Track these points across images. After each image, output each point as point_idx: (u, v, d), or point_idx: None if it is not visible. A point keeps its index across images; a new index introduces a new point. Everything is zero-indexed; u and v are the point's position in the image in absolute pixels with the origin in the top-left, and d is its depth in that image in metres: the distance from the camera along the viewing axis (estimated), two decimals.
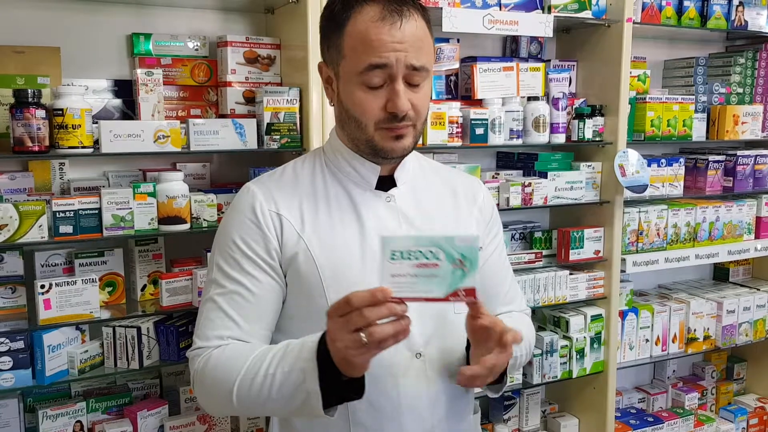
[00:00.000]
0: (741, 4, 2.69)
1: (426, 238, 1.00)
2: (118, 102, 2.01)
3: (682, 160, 2.69)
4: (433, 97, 2.28)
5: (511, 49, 2.58)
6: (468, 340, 1.20)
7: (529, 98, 2.39)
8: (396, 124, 1.18)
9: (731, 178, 2.79)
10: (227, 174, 2.21)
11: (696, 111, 2.67)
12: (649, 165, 2.52)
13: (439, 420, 1.26)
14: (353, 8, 1.16)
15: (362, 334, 0.98)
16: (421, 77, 1.18)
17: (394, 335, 0.99)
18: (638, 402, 3.00)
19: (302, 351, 1.08)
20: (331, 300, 1.18)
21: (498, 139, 2.28)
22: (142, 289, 2.03)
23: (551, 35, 2.31)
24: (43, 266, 1.92)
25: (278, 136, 1.99)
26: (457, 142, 2.23)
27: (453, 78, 2.32)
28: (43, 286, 1.79)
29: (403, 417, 1.21)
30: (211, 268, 1.26)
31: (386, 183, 1.28)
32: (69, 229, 1.79)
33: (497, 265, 1.41)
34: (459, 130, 2.22)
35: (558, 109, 2.39)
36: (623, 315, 2.64)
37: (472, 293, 1.00)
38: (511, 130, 2.32)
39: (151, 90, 1.93)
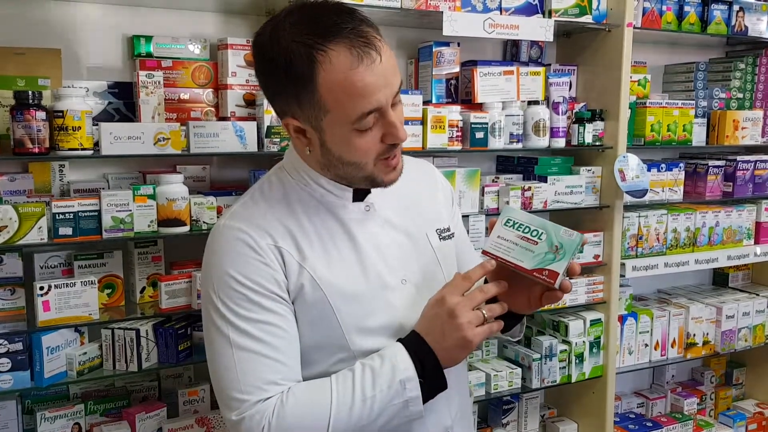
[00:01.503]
0: (741, 9, 2.69)
1: (539, 219, 1.17)
2: (118, 104, 2.01)
3: (681, 165, 2.69)
4: (433, 101, 2.28)
5: (511, 53, 2.58)
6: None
7: (530, 102, 2.39)
8: (393, 152, 1.17)
9: (731, 183, 2.79)
10: (227, 176, 2.21)
11: (696, 116, 2.68)
12: (648, 170, 2.52)
13: (455, 415, 1.30)
14: (316, 59, 1.05)
15: (483, 311, 1.15)
16: (399, 94, 1.15)
17: (502, 310, 1.17)
18: (637, 407, 3.00)
19: (396, 364, 1.14)
20: (344, 324, 1.18)
21: (498, 143, 2.28)
22: (141, 292, 2.02)
23: (552, 39, 2.31)
24: (42, 268, 1.92)
25: (278, 139, 1.99)
26: (457, 146, 2.23)
27: (453, 82, 2.33)
28: (42, 288, 1.79)
29: (425, 417, 1.22)
30: (215, 316, 1.16)
31: (358, 192, 1.25)
32: (68, 230, 1.79)
33: (464, 237, 1.48)
34: (459, 133, 2.23)
35: (558, 114, 2.40)
36: (622, 320, 2.64)
37: (553, 277, 1.14)
38: (511, 134, 2.32)
39: (152, 92, 1.93)
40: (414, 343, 1.16)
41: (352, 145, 1.13)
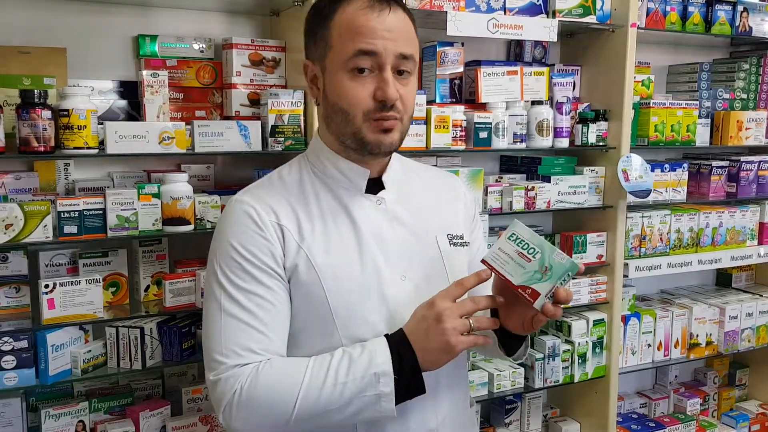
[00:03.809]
0: (745, 10, 2.69)
1: (539, 239, 1.18)
2: (123, 103, 2.02)
3: (685, 165, 2.69)
4: (437, 101, 2.29)
5: (515, 53, 2.59)
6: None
7: (533, 102, 2.39)
8: (384, 113, 1.17)
9: (734, 184, 2.79)
10: (231, 175, 2.21)
11: (700, 116, 2.68)
12: (652, 170, 2.52)
13: (442, 419, 1.28)
14: (340, 3, 1.18)
15: (470, 320, 1.15)
16: (408, 66, 1.18)
17: (491, 324, 1.20)
18: (640, 407, 3.00)
19: (374, 356, 1.14)
20: (335, 308, 1.19)
21: (501, 143, 2.28)
22: (146, 290, 2.03)
23: (555, 40, 2.31)
24: (47, 266, 1.93)
25: (282, 138, 1.99)
26: (461, 146, 2.23)
27: (457, 82, 2.33)
28: (47, 286, 1.79)
29: (408, 416, 1.23)
30: (213, 282, 1.21)
31: (373, 186, 1.28)
32: (73, 229, 1.80)
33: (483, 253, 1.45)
34: (463, 133, 2.23)
35: (562, 114, 2.40)
36: (626, 320, 2.64)
37: (534, 296, 1.15)
38: (515, 134, 2.32)
39: (157, 91, 1.94)
40: (397, 340, 1.17)
41: (343, 88, 1.17)
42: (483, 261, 1.21)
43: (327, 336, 1.21)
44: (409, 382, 1.15)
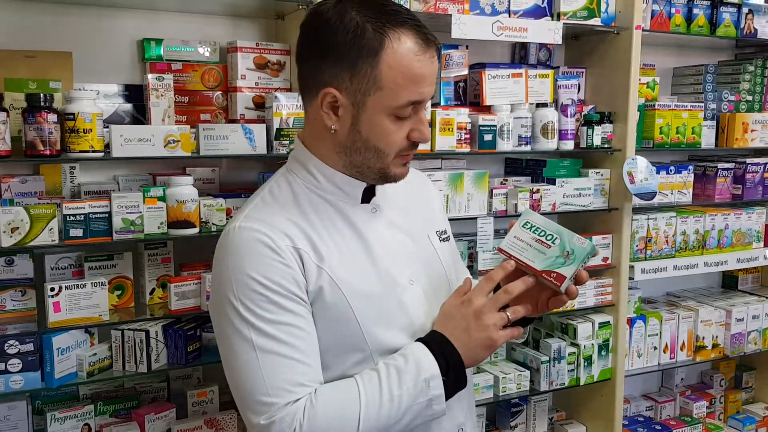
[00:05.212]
0: (750, 12, 2.69)
1: (555, 225, 1.21)
2: (128, 106, 2.03)
3: (691, 167, 2.68)
4: (442, 104, 2.29)
5: (519, 55, 2.59)
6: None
7: (538, 105, 2.39)
8: (412, 151, 1.20)
9: (740, 186, 2.78)
10: (236, 179, 2.22)
11: (705, 118, 2.67)
12: (657, 172, 2.51)
13: (466, 412, 1.32)
14: (386, 35, 1.09)
15: (508, 313, 1.17)
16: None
17: (526, 311, 1.20)
18: (646, 410, 2.99)
19: (420, 363, 1.15)
20: (363, 323, 1.18)
21: (506, 145, 2.28)
22: (151, 293, 2.03)
23: (560, 42, 2.31)
24: (53, 269, 1.94)
25: (287, 142, 1.99)
26: (466, 149, 2.23)
27: (461, 84, 2.33)
28: (53, 289, 1.80)
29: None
30: (236, 319, 1.13)
31: (364, 193, 1.26)
32: (79, 232, 1.80)
33: (453, 244, 1.46)
34: (467, 136, 2.23)
35: (567, 116, 2.39)
36: (631, 322, 2.64)
37: (561, 280, 1.18)
38: (520, 137, 2.32)
39: (162, 95, 1.95)
40: (437, 342, 1.18)
41: (385, 130, 1.15)
42: (500, 249, 1.24)
43: (358, 351, 1.19)
44: (454, 380, 1.18)
